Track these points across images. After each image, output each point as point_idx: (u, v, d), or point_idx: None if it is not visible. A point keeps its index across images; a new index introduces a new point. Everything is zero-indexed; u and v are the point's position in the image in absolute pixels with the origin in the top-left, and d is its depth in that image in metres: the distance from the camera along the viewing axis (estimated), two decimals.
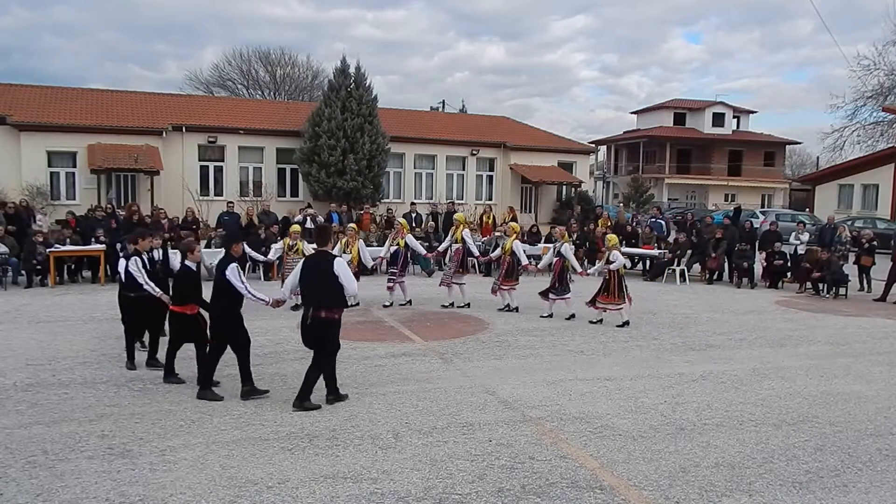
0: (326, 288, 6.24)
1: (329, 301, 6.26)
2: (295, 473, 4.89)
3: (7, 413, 6.05)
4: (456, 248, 11.99)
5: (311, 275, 6.33)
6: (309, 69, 50.37)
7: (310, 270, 6.36)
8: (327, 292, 6.25)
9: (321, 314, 6.22)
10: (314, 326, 6.25)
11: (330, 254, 6.60)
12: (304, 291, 6.40)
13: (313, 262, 6.45)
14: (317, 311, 6.23)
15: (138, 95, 27.98)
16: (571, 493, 4.66)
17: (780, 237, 15.80)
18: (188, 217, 16.43)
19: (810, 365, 8.37)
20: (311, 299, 6.30)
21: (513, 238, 11.57)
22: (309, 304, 6.32)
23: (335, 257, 6.56)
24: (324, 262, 6.37)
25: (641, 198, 37.68)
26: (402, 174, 29.42)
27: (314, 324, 6.25)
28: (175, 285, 6.93)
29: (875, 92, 37.21)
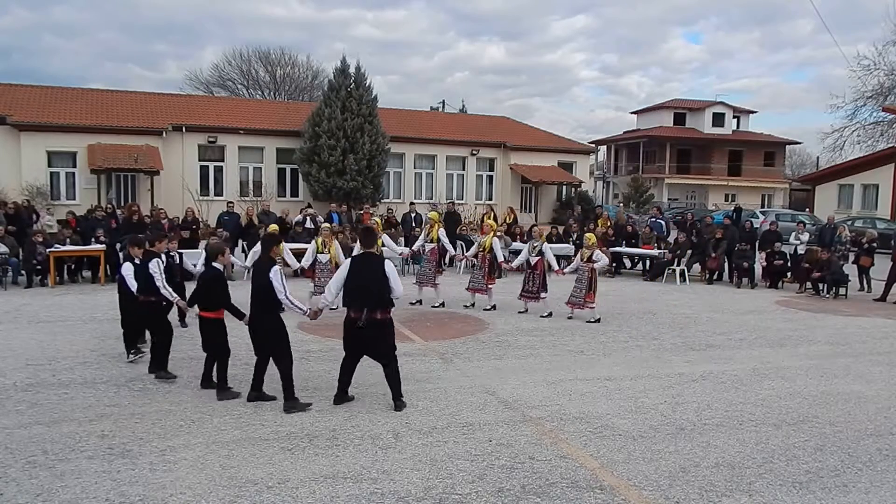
0: (379, 289, 6.12)
1: (383, 302, 6.15)
2: (295, 473, 4.89)
3: (7, 413, 6.05)
4: (431, 248, 12.01)
5: (360, 276, 6.13)
6: (309, 69, 50.49)
7: (359, 272, 6.15)
8: (380, 293, 6.13)
9: (377, 316, 6.09)
10: (371, 328, 6.10)
11: (378, 255, 6.50)
12: (352, 293, 6.13)
13: (363, 264, 6.24)
14: (372, 312, 6.06)
15: (138, 95, 28.00)
16: (571, 493, 4.66)
17: (780, 237, 15.79)
18: (188, 217, 16.41)
19: (810, 365, 8.37)
20: (362, 301, 6.07)
21: (491, 235, 11.59)
22: (359, 306, 6.07)
23: (384, 258, 6.49)
24: (375, 263, 6.25)
25: (641, 198, 37.68)
26: (402, 174, 29.44)
27: (371, 326, 6.08)
28: (203, 289, 6.59)
29: (875, 92, 37.23)
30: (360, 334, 6.13)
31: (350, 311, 6.15)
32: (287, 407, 6.13)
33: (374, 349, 6.25)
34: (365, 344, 6.21)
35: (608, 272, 16.81)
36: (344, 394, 6.40)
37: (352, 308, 6.14)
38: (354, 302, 6.13)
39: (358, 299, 6.11)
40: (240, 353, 7.33)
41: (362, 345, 6.22)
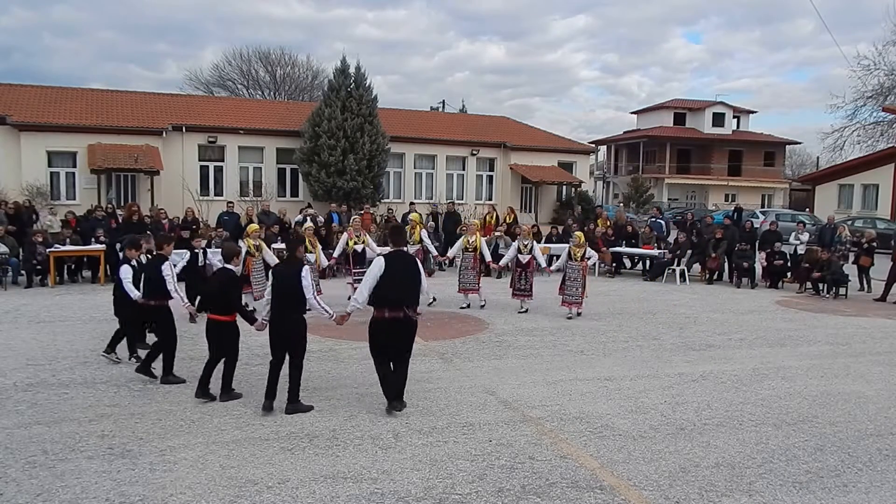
0: (414, 287, 6.15)
1: (416, 300, 6.17)
2: (295, 473, 4.89)
3: (7, 413, 6.05)
4: (416, 249, 11.92)
5: (396, 275, 6.06)
6: (309, 69, 50.46)
7: (395, 271, 6.07)
8: (414, 292, 6.16)
9: (412, 314, 6.10)
10: (409, 326, 6.09)
11: (409, 253, 6.49)
12: (389, 292, 6.01)
13: (398, 262, 6.17)
14: (410, 310, 6.07)
15: (138, 95, 27.97)
16: (571, 493, 4.66)
17: (780, 237, 15.80)
18: (188, 217, 16.42)
19: (810, 365, 8.37)
20: (399, 300, 6.01)
21: (477, 235, 11.64)
22: (396, 305, 5.99)
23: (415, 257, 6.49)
24: (409, 261, 6.30)
25: (641, 198, 37.68)
26: (402, 174, 29.42)
27: (408, 323, 6.08)
28: (217, 292, 6.37)
29: (875, 92, 37.24)
30: (396, 332, 6.04)
31: (385, 311, 6.01)
32: (291, 409, 6.08)
33: (403, 347, 6.16)
34: (395, 342, 6.11)
35: (608, 272, 16.83)
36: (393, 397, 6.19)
37: (387, 307, 6.01)
38: (391, 301, 6.00)
39: (396, 298, 6.01)
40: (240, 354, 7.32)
41: (400, 341, 6.12)
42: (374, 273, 6.08)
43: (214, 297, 6.39)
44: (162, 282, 6.93)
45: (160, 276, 6.94)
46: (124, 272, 7.44)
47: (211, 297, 6.45)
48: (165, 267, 6.99)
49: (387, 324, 6.03)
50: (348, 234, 11.67)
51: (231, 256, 6.60)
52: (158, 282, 6.95)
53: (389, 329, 6.04)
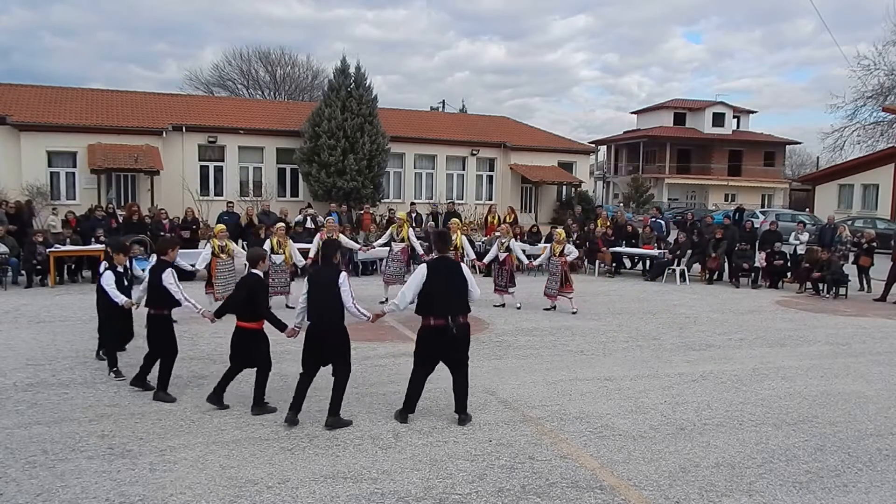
0: (462, 293, 6.01)
1: (466, 306, 6.03)
2: (295, 473, 4.89)
3: (7, 413, 6.05)
4: (402, 247, 12.06)
5: (443, 280, 5.92)
6: (309, 69, 50.52)
7: (440, 276, 5.93)
8: (463, 298, 6.02)
9: (462, 320, 5.94)
10: (462, 334, 5.95)
11: (454, 259, 6.35)
12: (434, 299, 5.87)
13: (442, 268, 6.03)
14: (462, 317, 5.94)
15: (138, 95, 27.99)
16: (571, 493, 4.66)
17: (780, 237, 15.80)
18: (188, 217, 16.42)
19: (810, 365, 8.37)
20: (444, 307, 5.86)
21: (458, 234, 11.73)
22: (444, 312, 5.84)
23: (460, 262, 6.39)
24: (453, 266, 6.16)
25: (641, 198, 37.68)
26: (402, 174, 29.43)
27: (462, 331, 5.93)
28: (244, 298, 6.12)
29: (875, 92, 37.25)
30: (445, 341, 5.88)
31: (431, 319, 5.87)
32: (332, 423, 5.79)
33: (456, 355, 5.99)
34: (446, 350, 5.94)
35: (608, 272, 16.83)
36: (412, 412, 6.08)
37: (433, 315, 5.87)
38: (437, 308, 5.86)
39: (442, 305, 5.86)
40: None
41: (443, 352, 5.95)
42: (416, 280, 5.97)
43: (243, 303, 6.12)
44: (163, 290, 6.50)
45: (161, 285, 6.48)
46: (107, 279, 7.02)
47: (239, 304, 6.16)
48: (167, 275, 6.52)
49: (433, 332, 5.88)
50: (320, 236, 11.32)
51: (257, 260, 6.38)
52: (159, 290, 6.52)
53: (437, 338, 5.88)
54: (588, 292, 13.72)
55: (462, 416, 6.01)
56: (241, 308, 6.15)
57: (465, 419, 5.99)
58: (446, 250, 6.36)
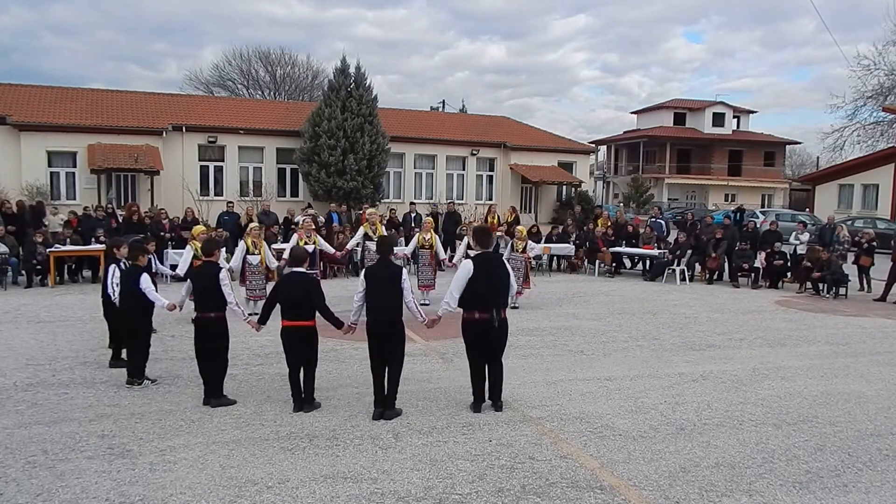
0: (503, 289, 6.20)
1: (505, 301, 6.25)
2: (295, 473, 4.89)
3: (7, 413, 6.05)
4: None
5: (485, 277, 6.09)
6: (309, 69, 50.47)
7: (483, 272, 6.09)
8: (503, 293, 6.21)
9: (504, 315, 6.17)
10: (503, 328, 6.17)
11: (497, 255, 6.56)
12: (478, 294, 6.07)
13: (486, 264, 6.17)
14: (501, 311, 6.13)
15: (138, 95, 27.97)
16: (571, 493, 4.66)
17: (780, 237, 15.80)
18: (188, 217, 16.42)
19: (810, 365, 8.37)
20: (487, 301, 6.07)
21: (432, 233, 11.84)
22: (487, 306, 6.06)
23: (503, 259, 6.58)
24: (497, 262, 6.34)
25: (641, 198, 37.68)
26: (402, 174, 29.42)
27: (503, 325, 6.16)
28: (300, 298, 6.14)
29: (875, 92, 37.23)
30: (487, 334, 6.10)
31: (475, 313, 6.09)
32: (390, 415, 6.02)
33: (497, 347, 6.21)
34: (488, 343, 6.16)
35: (608, 272, 16.83)
36: (483, 400, 6.30)
37: (476, 309, 6.08)
38: (480, 302, 6.06)
39: (485, 300, 6.07)
40: (241, 355, 7.32)
41: (485, 344, 6.18)
42: (462, 275, 6.13)
43: (298, 303, 6.14)
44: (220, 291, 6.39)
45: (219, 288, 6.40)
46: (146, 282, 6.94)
47: (294, 304, 6.16)
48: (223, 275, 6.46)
49: (476, 325, 6.10)
50: (298, 236, 11.23)
51: (303, 259, 6.45)
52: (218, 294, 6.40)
53: (480, 331, 6.10)
54: (588, 292, 13.72)
55: (497, 403, 6.28)
56: (294, 308, 6.14)
57: (499, 406, 6.27)
58: (488, 246, 6.49)
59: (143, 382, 6.91)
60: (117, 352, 7.74)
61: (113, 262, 7.69)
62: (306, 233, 11.32)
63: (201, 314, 6.40)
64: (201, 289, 6.42)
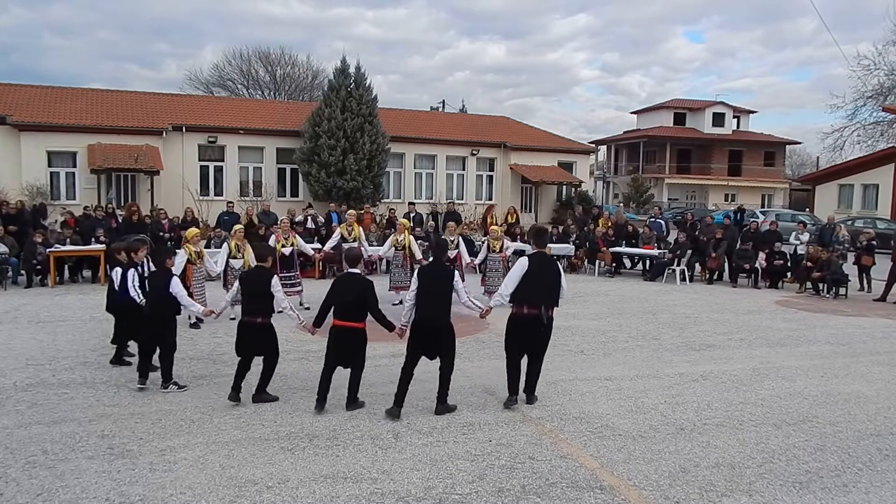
0: (553, 288, 6.37)
1: (555, 300, 6.40)
2: (295, 473, 4.89)
3: (7, 413, 6.05)
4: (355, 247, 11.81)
5: (538, 274, 6.28)
6: (309, 69, 50.48)
7: (537, 270, 6.29)
8: (553, 292, 6.37)
9: (552, 313, 6.36)
10: (549, 325, 6.36)
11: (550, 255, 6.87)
12: (530, 291, 6.25)
13: (540, 263, 6.38)
14: (549, 309, 6.32)
15: (138, 95, 27.98)
16: (571, 493, 4.66)
17: (780, 237, 15.80)
18: (188, 217, 16.42)
19: (810, 365, 8.37)
20: (537, 298, 6.26)
21: (406, 234, 11.78)
22: (536, 303, 6.26)
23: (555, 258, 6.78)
24: (550, 262, 6.55)
25: (641, 198, 37.68)
26: (402, 174, 29.43)
27: (550, 323, 6.36)
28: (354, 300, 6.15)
29: (875, 92, 37.24)
30: (533, 330, 6.29)
31: (524, 308, 6.27)
32: (441, 409, 6.17)
33: (540, 344, 6.43)
34: (532, 339, 6.36)
35: (608, 272, 16.83)
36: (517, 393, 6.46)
37: (525, 305, 6.26)
38: (531, 299, 6.26)
39: (536, 296, 6.26)
40: None
41: (529, 340, 6.36)
42: (517, 271, 6.33)
43: (351, 304, 6.15)
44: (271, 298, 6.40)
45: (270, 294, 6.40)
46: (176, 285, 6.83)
47: (346, 304, 6.17)
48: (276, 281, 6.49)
49: (524, 320, 6.29)
50: (276, 237, 10.97)
51: (357, 261, 6.53)
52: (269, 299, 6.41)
53: (526, 325, 6.30)
54: (588, 292, 13.71)
55: (530, 397, 6.52)
56: (347, 309, 6.15)
57: (533, 399, 6.52)
58: (543, 246, 6.71)
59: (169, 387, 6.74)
60: (121, 350, 7.72)
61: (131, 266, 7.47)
62: (284, 234, 11.00)
63: (248, 318, 6.34)
64: (251, 293, 6.38)
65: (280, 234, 11.09)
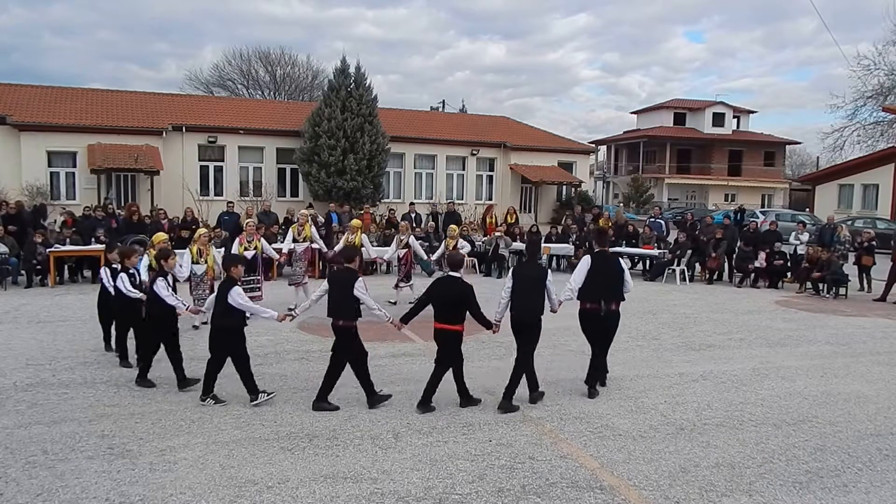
0: (615, 284, 6.82)
1: (618, 295, 6.86)
2: (295, 473, 4.90)
3: (7, 413, 6.05)
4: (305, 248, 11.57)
5: (601, 271, 6.75)
6: (309, 69, 50.47)
7: (601, 267, 6.77)
8: (615, 288, 6.83)
9: (614, 307, 6.82)
10: (611, 318, 6.86)
11: (612, 253, 7.31)
12: (593, 287, 6.73)
13: (603, 261, 6.86)
14: (611, 304, 6.79)
15: (138, 95, 27.99)
16: (571, 493, 4.66)
17: (780, 237, 15.79)
18: (188, 217, 16.41)
19: (810, 365, 8.37)
20: (602, 293, 6.76)
21: (358, 233, 11.66)
22: (598, 298, 6.75)
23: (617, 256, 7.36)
24: (612, 260, 7.03)
25: (641, 198, 37.67)
26: (402, 174, 29.43)
27: (612, 316, 6.84)
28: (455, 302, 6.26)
29: (875, 92, 37.23)
30: (596, 323, 6.85)
31: (587, 303, 6.81)
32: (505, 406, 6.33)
33: (604, 336, 6.97)
34: (596, 331, 6.92)
35: None
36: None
37: (588, 300, 6.79)
38: (594, 294, 6.77)
39: (597, 292, 6.76)
40: None
41: (593, 332, 6.94)
42: (583, 269, 6.83)
43: (453, 305, 6.29)
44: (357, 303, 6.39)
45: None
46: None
47: (448, 306, 6.31)
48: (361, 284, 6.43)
49: (588, 314, 6.85)
50: (240, 240, 10.57)
51: (459, 264, 6.60)
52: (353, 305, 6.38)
53: (590, 319, 6.86)
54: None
55: (591, 391, 6.90)
56: (447, 311, 6.31)
57: (593, 394, 6.88)
58: (605, 245, 7.21)
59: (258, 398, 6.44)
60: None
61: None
62: (248, 236, 10.60)
63: (334, 321, 6.37)
64: (336, 296, 6.37)
65: (244, 236, 10.61)
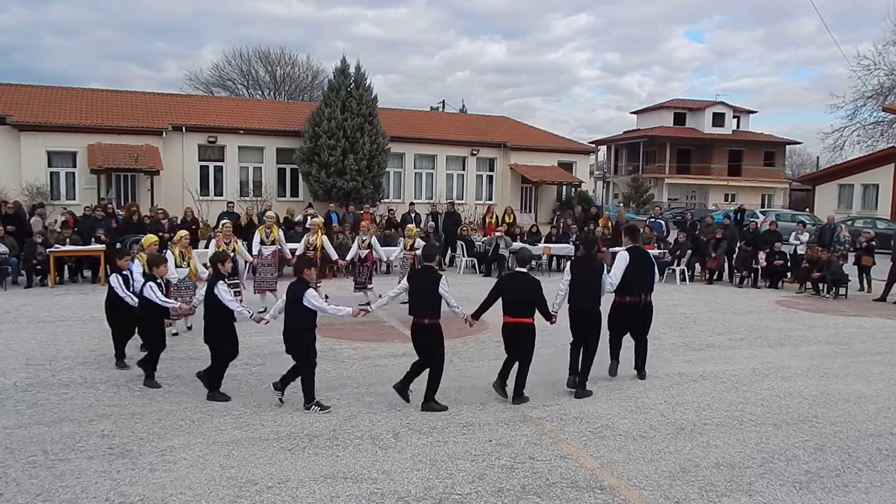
0: (649, 278, 7.42)
1: (650, 288, 7.42)
2: (295, 473, 4.90)
3: (7, 413, 6.05)
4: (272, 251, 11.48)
5: (638, 266, 7.25)
6: (309, 69, 50.43)
7: (635, 263, 7.22)
8: (649, 281, 7.41)
9: (649, 299, 7.40)
10: (648, 310, 7.44)
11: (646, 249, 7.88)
12: (631, 280, 7.17)
13: (639, 256, 7.36)
14: (647, 296, 7.34)
15: (138, 95, 27.97)
16: (571, 493, 4.67)
17: (780, 237, 15.80)
18: (188, 217, 16.42)
19: (810, 365, 8.37)
20: (639, 286, 7.28)
21: (318, 234, 11.58)
22: (638, 290, 7.28)
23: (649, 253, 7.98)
24: (645, 256, 7.54)
25: (641, 198, 37.67)
26: (402, 174, 29.43)
27: (648, 306, 7.42)
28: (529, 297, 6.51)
29: (875, 92, 37.20)
30: (634, 315, 7.33)
31: (626, 297, 7.26)
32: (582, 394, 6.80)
33: (641, 327, 7.47)
34: (634, 322, 7.42)
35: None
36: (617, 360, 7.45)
37: (628, 293, 7.25)
38: (631, 288, 7.23)
39: (636, 286, 7.24)
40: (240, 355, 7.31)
41: (631, 323, 7.42)
42: (620, 265, 7.22)
43: (523, 301, 6.56)
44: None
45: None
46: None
47: (518, 302, 6.57)
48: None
49: (627, 307, 7.32)
50: (217, 241, 10.31)
51: (527, 261, 6.86)
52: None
53: (628, 311, 7.34)
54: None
55: (640, 374, 7.51)
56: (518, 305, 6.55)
57: (643, 376, 7.49)
58: (637, 241, 7.65)
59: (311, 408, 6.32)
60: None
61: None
62: (225, 238, 10.37)
63: (416, 319, 6.45)
64: (419, 293, 6.48)
65: (220, 238, 10.39)
